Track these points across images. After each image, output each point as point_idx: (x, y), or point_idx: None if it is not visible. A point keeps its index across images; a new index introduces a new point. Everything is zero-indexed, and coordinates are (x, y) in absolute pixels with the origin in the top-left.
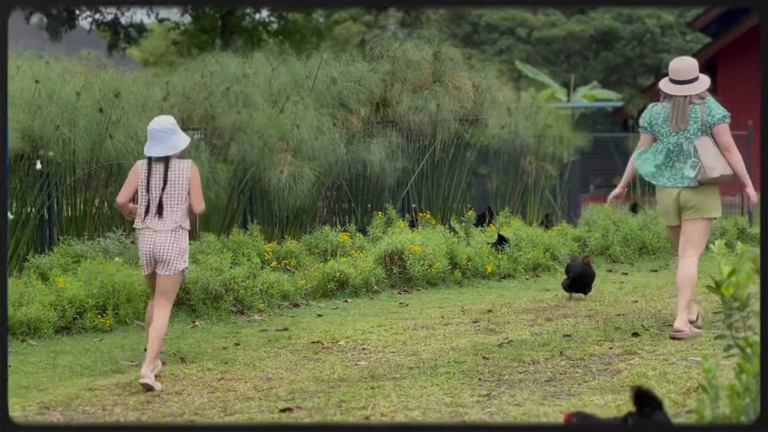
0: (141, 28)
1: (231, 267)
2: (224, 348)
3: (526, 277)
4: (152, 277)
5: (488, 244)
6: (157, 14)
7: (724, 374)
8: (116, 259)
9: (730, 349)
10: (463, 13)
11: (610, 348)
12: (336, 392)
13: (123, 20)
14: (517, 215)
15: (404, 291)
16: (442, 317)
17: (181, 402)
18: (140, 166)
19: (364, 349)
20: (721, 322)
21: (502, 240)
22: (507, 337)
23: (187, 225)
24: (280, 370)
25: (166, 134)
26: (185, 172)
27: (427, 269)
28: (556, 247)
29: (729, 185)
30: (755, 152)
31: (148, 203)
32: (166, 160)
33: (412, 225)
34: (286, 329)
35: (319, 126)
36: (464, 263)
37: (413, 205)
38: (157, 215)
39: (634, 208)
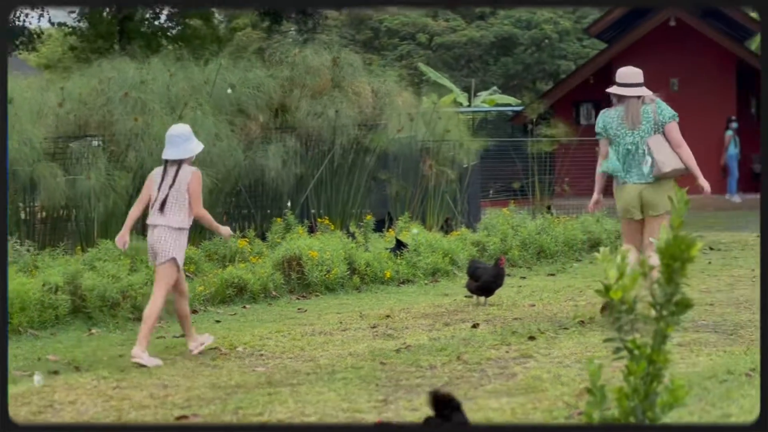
0: (35, 34)
1: (129, 274)
2: (120, 356)
3: (425, 282)
4: None
5: (387, 249)
6: (50, 19)
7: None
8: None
9: (619, 351)
10: (364, 18)
11: (507, 352)
12: (233, 399)
13: (18, 24)
14: (417, 220)
15: (303, 296)
16: (340, 323)
17: (75, 411)
18: (155, 173)
19: (261, 355)
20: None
21: (400, 245)
22: (405, 342)
23: (186, 224)
24: (176, 377)
25: (182, 139)
26: (187, 178)
27: (325, 275)
28: (455, 251)
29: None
30: None
31: (160, 201)
32: (178, 164)
33: (311, 230)
34: (183, 336)
35: (218, 132)
36: (363, 268)
37: (312, 211)
38: (159, 211)
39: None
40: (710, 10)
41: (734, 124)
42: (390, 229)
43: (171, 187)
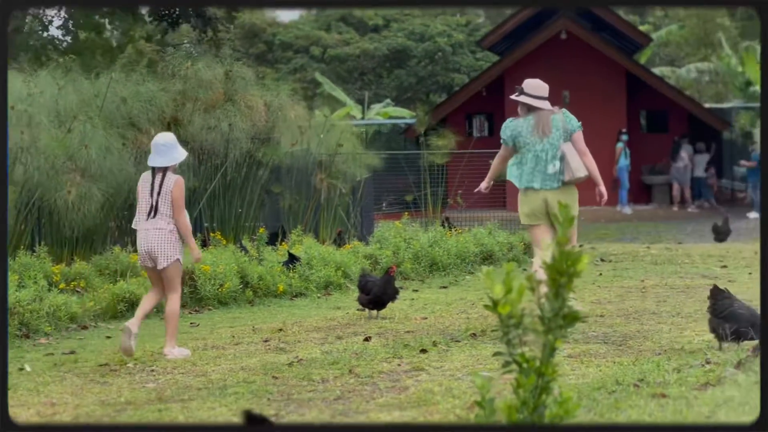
0: None
1: (16, 290)
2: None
3: (318, 295)
4: (150, 272)
5: (280, 262)
6: None
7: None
8: None
9: (508, 365)
10: (257, 31)
11: (399, 365)
12: (122, 416)
13: None
14: (310, 233)
15: (195, 311)
16: (233, 337)
17: None
18: (142, 178)
19: (152, 370)
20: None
21: (293, 258)
22: (297, 356)
23: (167, 226)
24: (65, 395)
25: (167, 147)
26: (170, 185)
27: (218, 289)
28: (347, 264)
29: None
30: None
31: (148, 207)
32: (163, 171)
33: (204, 244)
34: (73, 352)
35: (108, 146)
36: (256, 282)
37: (205, 225)
38: (151, 216)
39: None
40: (600, 23)
41: (624, 137)
42: (283, 243)
43: (158, 193)
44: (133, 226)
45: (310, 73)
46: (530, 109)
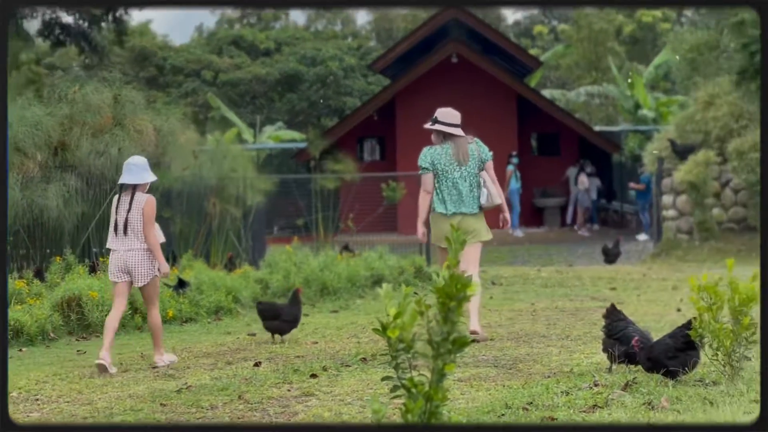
0: None
1: None
2: None
3: (208, 320)
4: (121, 287)
5: (169, 287)
6: None
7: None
8: None
9: (396, 389)
10: (148, 55)
11: (289, 390)
12: None
13: None
14: (201, 258)
15: (83, 338)
16: (121, 364)
17: None
18: (114, 201)
19: (37, 399)
20: (388, 363)
21: (182, 284)
22: (186, 383)
23: (139, 246)
24: None
25: (138, 168)
26: (142, 203)
27: (106, 315)
28: (238, 289)
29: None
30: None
31: (121, 225)
32: (133, 190)
33: (93, 270)
34: None
35: None
36: (144, 308)
37: (94, 250)
38: (122, 234)
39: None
40: (491, 47)
41: (515, 159)
42: (173, 268)
43: (128, 211)
44: (107, 246)
45: (202, 97)
46: (446, 137)
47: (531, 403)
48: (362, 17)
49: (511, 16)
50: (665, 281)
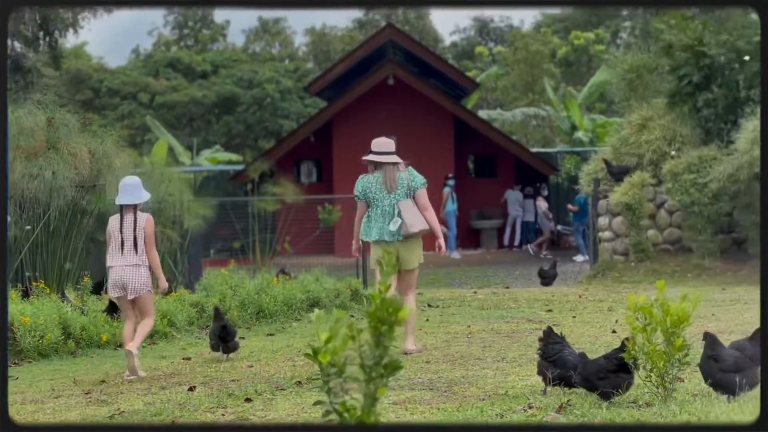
0: None
1: None
2: None
3: (143, 344)
4: (123, 301)
5: (104, 312)
6: None
7: None
8: None
9: (328, 414)
10: (84, 77)
11: (223, 414)
12: None
13: None
14: None
15: (14, 364)
16: (53, 390)
17: None
18: (112, 220)
19: None
20: (319, 388)
21: (114, 308)
22: (119, 408)
23: (146, 261)
24: None
25: (134, 188)
26: (142, 222)
27: (38, 340)
28: (173, 313)
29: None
30: None
31: (120, 243)
32: (134, 209)
33: (26, 295)
34: None
35: None
36: (78, 333)
37: (27, 274)
38: (125, 252)
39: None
40: (428, 69)
41: (451, 181)
42: (106, 294)
43: (133, 229)
44: (108, 264)
45: (139, 120)
46: (377, 166)
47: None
48: (299, 38)
49: (448, 37)
50: (601, 302)
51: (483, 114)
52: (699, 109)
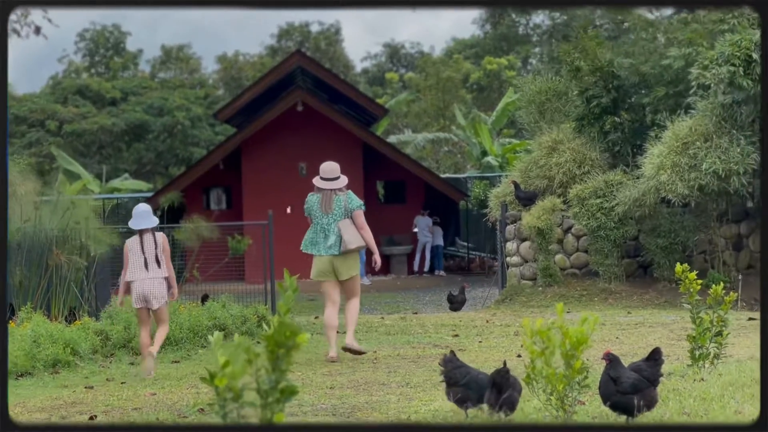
0: None
1: None
2: None
3: (45, 373)
4: (143, 311)
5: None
6: None
7: None
8: None
9: None
10: None
11: None
12: None
13: None
14: (42, 310)
15: None
16: None
17: None
18: (130, 242)
19: None
20: (215, 413)
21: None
22: None
23: (165, 274)
24: None
25: (147, 213)
26: (160, 241)
27: None
28: (77, 341)
29: None
30: (276, 240)
31: (142, 261)
32: (151, 231)
33: None
34: None
35: None
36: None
37: None
38: (149, 268)
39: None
40: (337, 96)
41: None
42: (11, 321)
43: (156, 248)
44: (128, 279)
45: (46, 148)
46: (318, 189)
47: None
48: (210, 65)
49: (359, 63)
50: (508, 327)
51: (393, 139)
52: (606, 133)
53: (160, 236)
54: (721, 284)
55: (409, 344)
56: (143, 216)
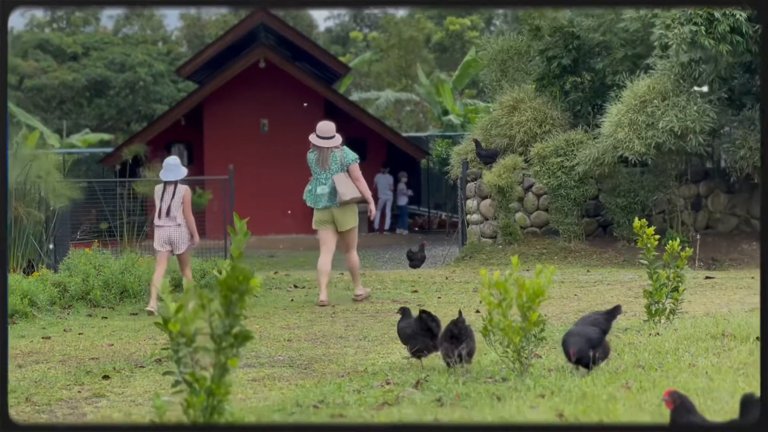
0: None
1: None
2: None
3: None
4: (162, 254)
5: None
6: None
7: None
8: None
9: (177, 384)
10: None
11: (79, 392)
12: None
13: None
14: None
15: None
16: None
17: None
18: (158, 188)
19: None
20: (169, 358)
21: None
22: None
23: (184, 222)
24: None
25: (175, 166)
26: (182, 192)
27: None
28: (35, 293)
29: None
30: (237, 193)
31: (165, 208)
32: (175, 183)
33: None
34: None
35: None
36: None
37: None
38: (167, 216)
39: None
40: (299, 53)
41: None
42: None
43: (173, 199)
44: (156, 224)
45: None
46: (314, 146)
47: (322, 401)
48: (173, 22)
49: (323, 23)
50: (467, 284)
51: (356, 97)
52: (567, 93)
53: (183, 188)
54: (678, 240)
55: (368, 299)
56: (172, 169)
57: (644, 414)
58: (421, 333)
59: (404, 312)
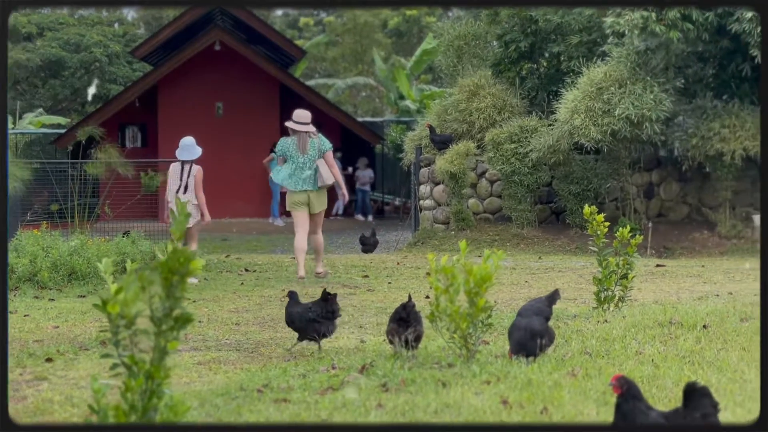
0: None
1: None
2: None
3: None
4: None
5: None
6: None
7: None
8: None
9: (116, 367)
10: None
11: (21, 374)
12: None
13: None
14: None
15: None
16: None
17: None
18: (174, 166)
19: None
20: (108, 341)
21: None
22: None
23: (195, 201)
24: None
25: (192, 147)
26: (194, 172)
27: None
28: None
29: None
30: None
31: (184, 185)
32: (190, 162)
33: None
34: None
35: None
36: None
37: None
38: (181, 192)
39: None
40: (255, 36)
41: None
42: None
43: (188, 177)
44: (167, 198)
45: None
46: (293, 132)
47: (266, 385)
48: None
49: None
50: (418, 269)
51: (312, 83)
52: (523, 79)
53: (196, 168)
54: (628, 227)
55: (318, 284)
56: (187, 149)
57: (589, 401)
58: (323, 316)
59: (292, 296)
